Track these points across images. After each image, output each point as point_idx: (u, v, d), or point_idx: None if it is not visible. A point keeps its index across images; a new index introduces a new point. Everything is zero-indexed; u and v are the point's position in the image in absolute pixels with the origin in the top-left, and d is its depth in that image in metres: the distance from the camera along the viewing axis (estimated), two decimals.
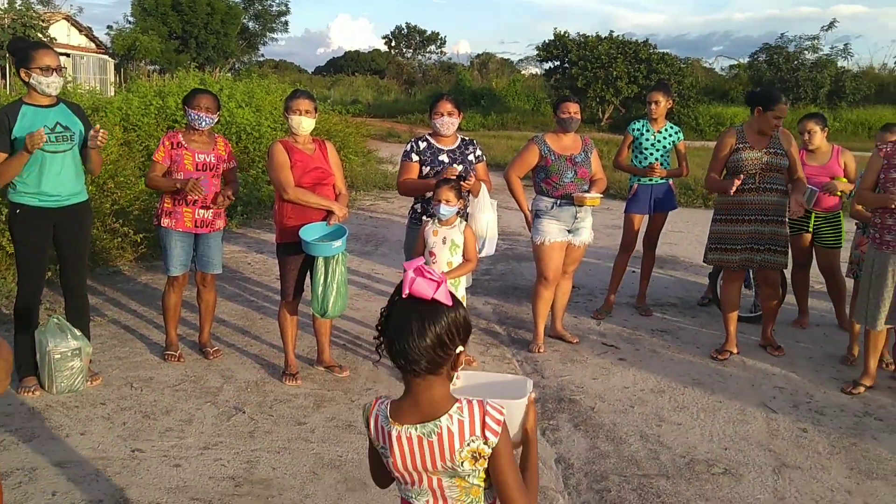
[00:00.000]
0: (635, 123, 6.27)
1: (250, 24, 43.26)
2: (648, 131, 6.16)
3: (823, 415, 4.41)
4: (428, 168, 4.74)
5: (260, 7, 43.09)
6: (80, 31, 33.19)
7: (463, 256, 4.48)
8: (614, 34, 28.04)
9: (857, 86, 27.38)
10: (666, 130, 6.20)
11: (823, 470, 3.76)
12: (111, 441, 3.86)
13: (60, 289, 4.74)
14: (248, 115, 11.26)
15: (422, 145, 4.82)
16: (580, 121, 5.34)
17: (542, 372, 4.99)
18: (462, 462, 1.69)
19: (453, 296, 1.73)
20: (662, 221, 6.33)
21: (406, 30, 51.64)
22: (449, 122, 4.76)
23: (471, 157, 4.87)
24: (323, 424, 4.14)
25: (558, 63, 29.62)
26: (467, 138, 5.04)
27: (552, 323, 5.58)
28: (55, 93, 4.30)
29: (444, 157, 4.75)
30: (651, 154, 6.11)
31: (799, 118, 6.10)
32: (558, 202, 5.16)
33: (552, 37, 29.27)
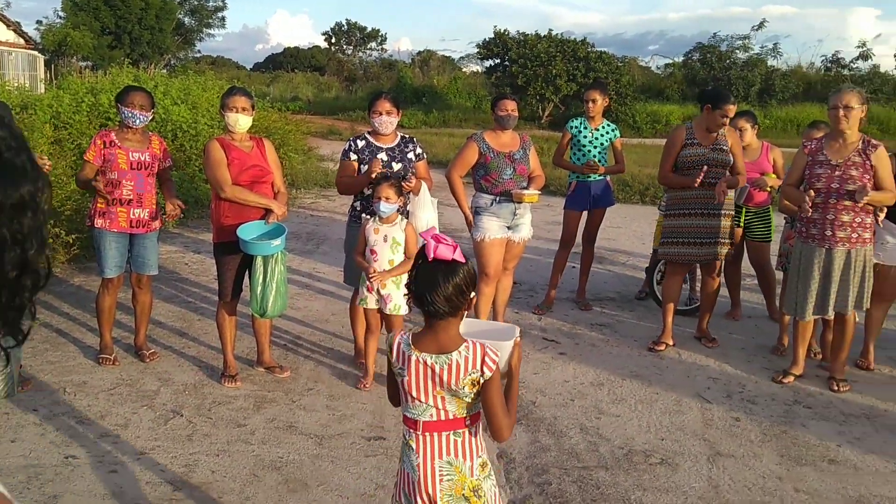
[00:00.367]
0: (573, 121, 6.37)
1: (186, 20, 42.36)
2: (586, 129, 6.26)
3: (755, 404, 4.56)
4: (366, 167, 4.72)
5: (196, 2, 42.23)
6: (8, 27, 31.95)
7: (405, 254, 4.48)
8: (553, 33, 28.41)
9: (786, 84, 28.28)
10: (603, 128, 6.30)
11: (755, 457, 3.88)
12: (43, 448, 3.74)
13: None
14: (184, 113, 11.04)
15: (360, 144, 4.80)
16: (518, 118, 5.40)
17: None
18: (464, 387, 2.19)
19: (463, 253, 2.24)
20: (601, 217, 6.44)
21: (346, 26, 51.23)
22: (387, 121, 4.75)
23: (410, 155, 4.87)
24: (263, 426, 4.09)
25: (499, 61, 29.81)
26: (407, 136, 5.03)
27: (493, 319, 5.62)
28: None
29: (384, 156, 4.74)
30: (589, 151, 6.21)
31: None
32: (497, 199, 5.21)
33: (492, 35, 29.44)
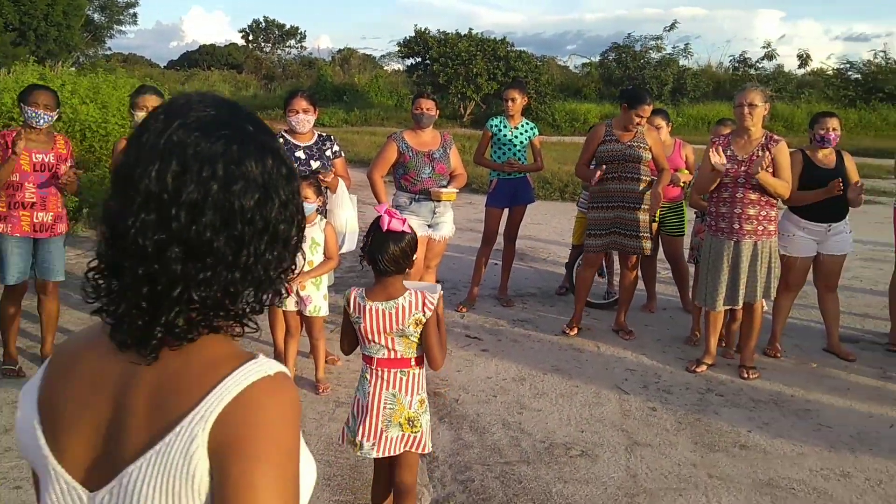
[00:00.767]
0: (493, 120, 6.42)
1: (95, 16, 40.76)
2: (506, 127, 6.32)
3: (671, 393, 4.69)
4: None
5: None
6: None
7: (324, 254, 4.43)
8: (473, 32, 28.51)
9: (697, 83, 29.20)
10: (522, 126, 6.38)
11: (671, 446, 3.99)
12: None
13: None
14: (94, 112, 10.63)
15: None
16: (436, 117, 5.41)
17: None
18: (409, 326, 2.77)
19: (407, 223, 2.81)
20: (521, 214, 6.51)
21: (264, 24, 50.29)
22: (304, 119, 4.68)
23: (328, 153, 4.81)
24: None
25: (420, 59, 29.81)
26: (324, 134, 4.98)
27: None
28: None
29: (301, 154, 4.68)
30: (509, 149, 6.27)
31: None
32: (416, 197, 5.21)
33: (413, 34, 29.41)
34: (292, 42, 50.96)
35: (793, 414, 4.43)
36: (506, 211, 6.40)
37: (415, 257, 2.84)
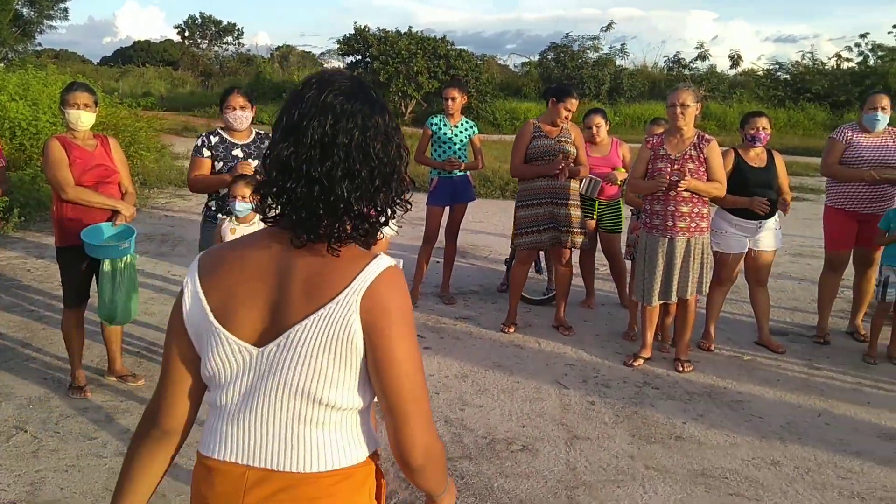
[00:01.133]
0: (433, 118, 6.44)
1: (24, 11, 39.35)
2: (446, 126, 6.35)
3: (609, 387, 4.79)
4: (221, 164, 4.57)
5: None
6: None
7: None
8: (414, 30, 28.50)
9: (634, 83, 29.76)
10: (462, 125, 6.41)
11: (609, 438, 4.08)
12: None
13: None
14: (23, 110, 10.31)
15: (213, 140, 4.64)
16: None
17: None
18: None
19: None
20: (462, 213, 6.56)
21: (201, 20, 49.33)
22: (241, 116, 4.61)
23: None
24: (116, 437, 3.89)
25: (360, 58, 29.64)
26: (263, 132, 4.91)
27: None
28: None
29: (238, 152, 4.60)
30: (449, 148, 6.30)
31: (584, 113, 6.55)
32: None
33: (353, 31, 29.21)
34: (230, 39, 50.16)
35: (725, 405, 4.56)
36: (447, 209, 6.43)
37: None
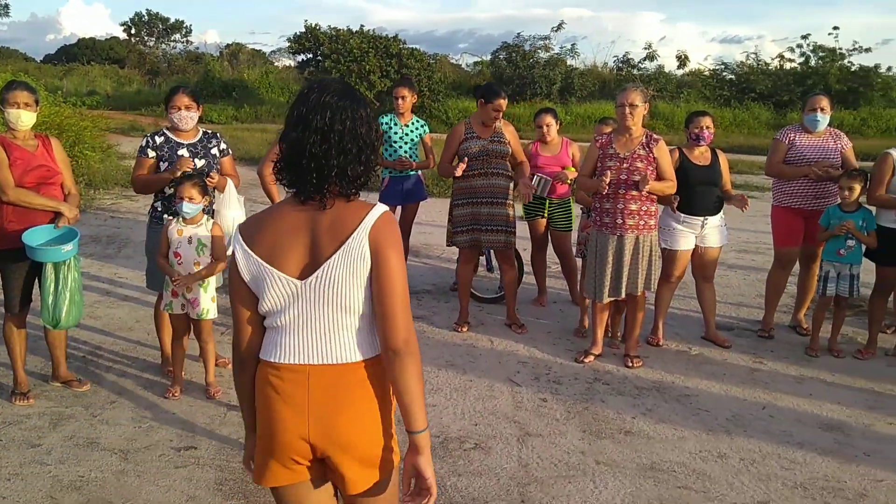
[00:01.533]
0: (384, 117, 6.41)
1: None
2: (396, 125, 6.33)
3: (560, 384, 4.83)
4: (166, 164, 4.48)
5: None
6: None
7: (211, 256, 4.32)
8: (365, 29, 28.38)
9: (584, 83, 30.13)
10: (413, 124, 6.41)
11: (561, 435, 4.11)
12: None
13: None
14: None
15: (158, 140, 4.55)
16: None
17: None
18: None
19: None
20: (414, 212, 6.55)
21: (147, 17, 48.32)
22: (186, 116, 4.52)
23: (214, 151, 4.67)
24: (61, 444, 3.79)
25: (311, 56, 29.40)
26: (210, 131, 4.83)
27: None
28: None
29: (184, 152, 4.52)
30: (400, 147, 6.29)
31: (535, 113, 6.59)
32: None
33: (304, 29, 28.94)
34: (177, 36, 49.26)
35: (674, 399, 4.64)
36: (398, 209, 6.41)
37: None
